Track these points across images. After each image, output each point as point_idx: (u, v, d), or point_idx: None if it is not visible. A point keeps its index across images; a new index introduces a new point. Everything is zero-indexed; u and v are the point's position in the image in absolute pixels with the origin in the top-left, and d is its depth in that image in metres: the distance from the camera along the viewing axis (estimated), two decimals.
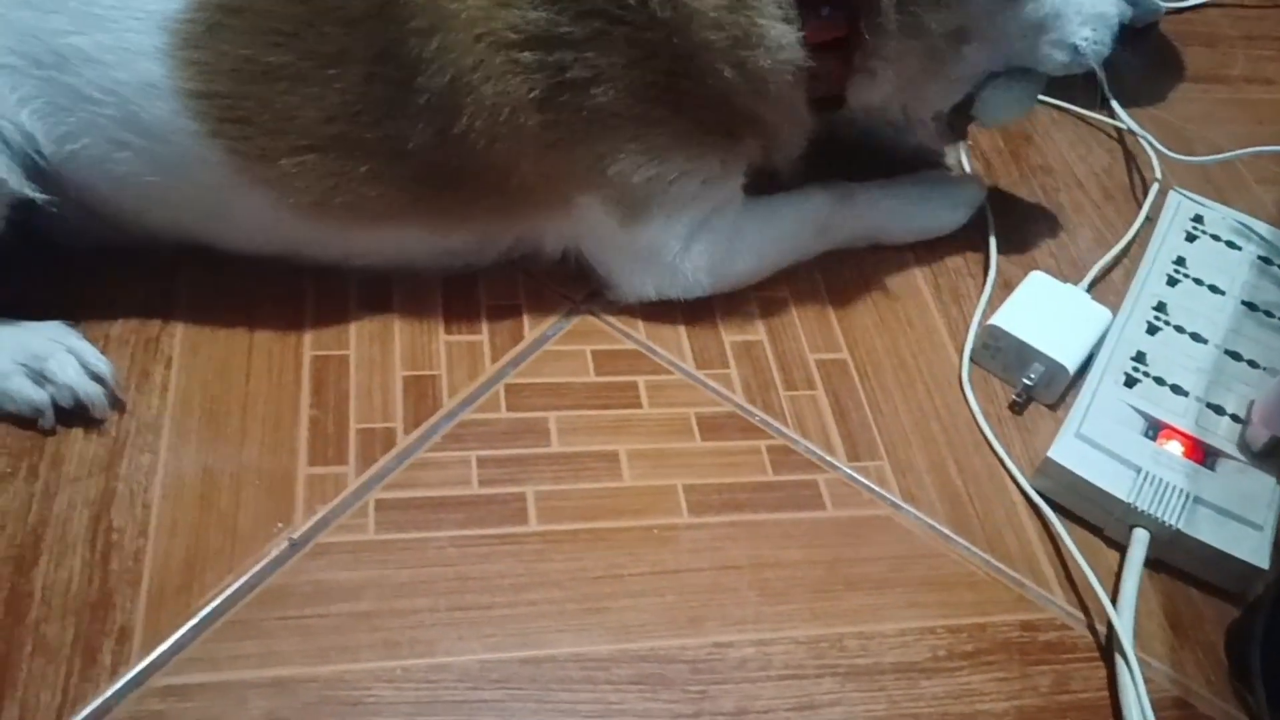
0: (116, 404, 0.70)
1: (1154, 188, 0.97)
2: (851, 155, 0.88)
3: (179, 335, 0.74)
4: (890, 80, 0.75)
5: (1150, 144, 1.01)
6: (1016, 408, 0.80)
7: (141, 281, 0.75)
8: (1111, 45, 0.78)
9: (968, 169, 0.96)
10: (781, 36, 0.69)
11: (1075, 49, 0.78)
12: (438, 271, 0.80)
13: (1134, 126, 1.03)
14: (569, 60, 0.67)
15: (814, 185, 0.84)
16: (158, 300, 0.75)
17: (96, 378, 0.68)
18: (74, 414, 0.68)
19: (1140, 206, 0.96)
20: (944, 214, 0.89)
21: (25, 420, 0.68)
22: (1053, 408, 0.80)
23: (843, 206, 0.84)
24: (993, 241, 0.90)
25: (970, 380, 0.81)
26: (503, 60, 0.66)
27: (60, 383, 0.67)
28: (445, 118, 0.68)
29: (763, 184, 0.82)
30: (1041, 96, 1.03)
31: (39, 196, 0.65)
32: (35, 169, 0.66)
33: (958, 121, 0.84)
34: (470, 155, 0.69)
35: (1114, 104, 1.05)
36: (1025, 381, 0.79)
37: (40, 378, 0.67)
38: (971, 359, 0.82)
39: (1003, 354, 0.81)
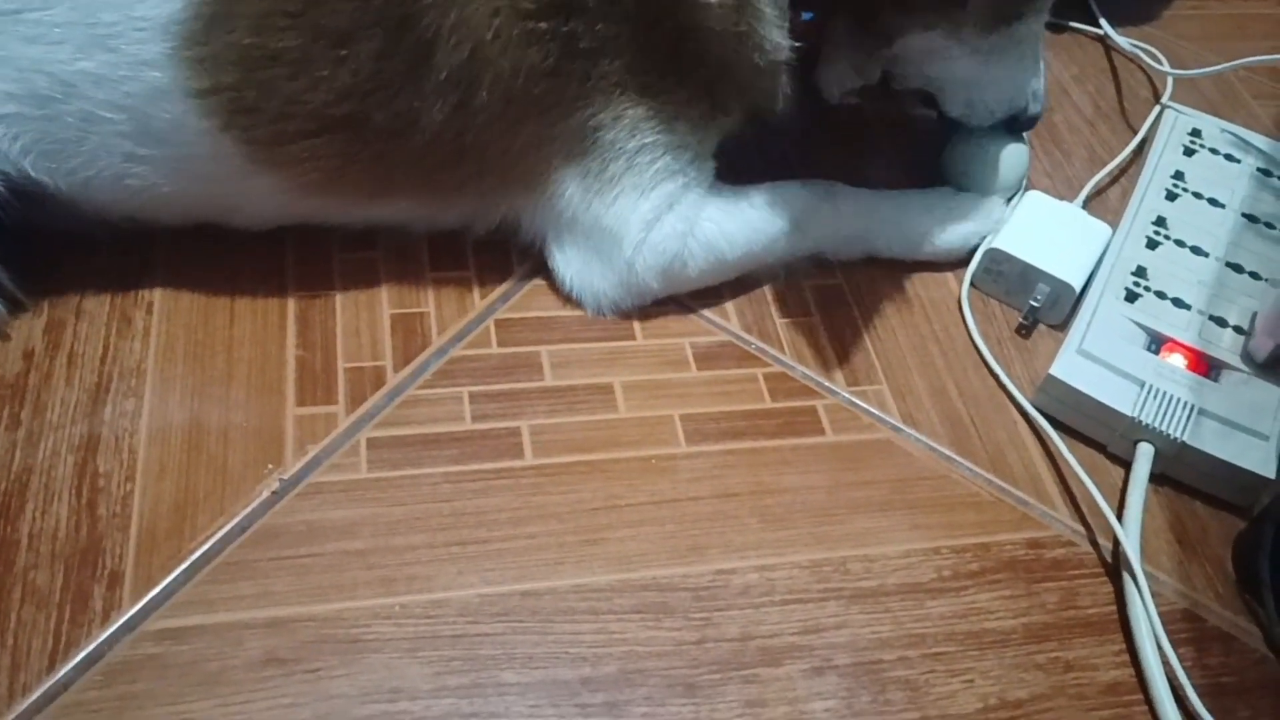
0: (16, 308, 0.69)
1: (1155, 108, 0.96)
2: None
3: (159, 281, 0.73)
4: (844, 73, 0.75)
5: (1146, 60, 1.00)
6: (1024, 330, 0.79)
7: (118, 229, 0.73)
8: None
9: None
10: (777, 40, 0.69)
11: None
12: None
13: (1121, 42, 1.01)
14: (580, 29, 0.66)
15: (797, 182, 0.78)
16: (138, 246, 0.74)
17: None
18: None
19: (1133, 124, 0.95)
20: (947, 231, 0.80)
21: (5, 368, 0.67)
22: (1059, 328, 0.79)
23: (824, 204, 0.78)
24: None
25: (970, 303, 0.79)
26: (520, 31, 0.65)
27: None
28: (463, 92, 0.66)
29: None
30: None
31: None
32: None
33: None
34: (478, 129, 0.68)
35: (1104, 23, 1.03)
36: (1032, 303, 0.78)
37: None
38: (972, 284, 0.81)
39: (1005, 278, 0.79)
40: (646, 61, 0.68)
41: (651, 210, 0.72)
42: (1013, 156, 0.82)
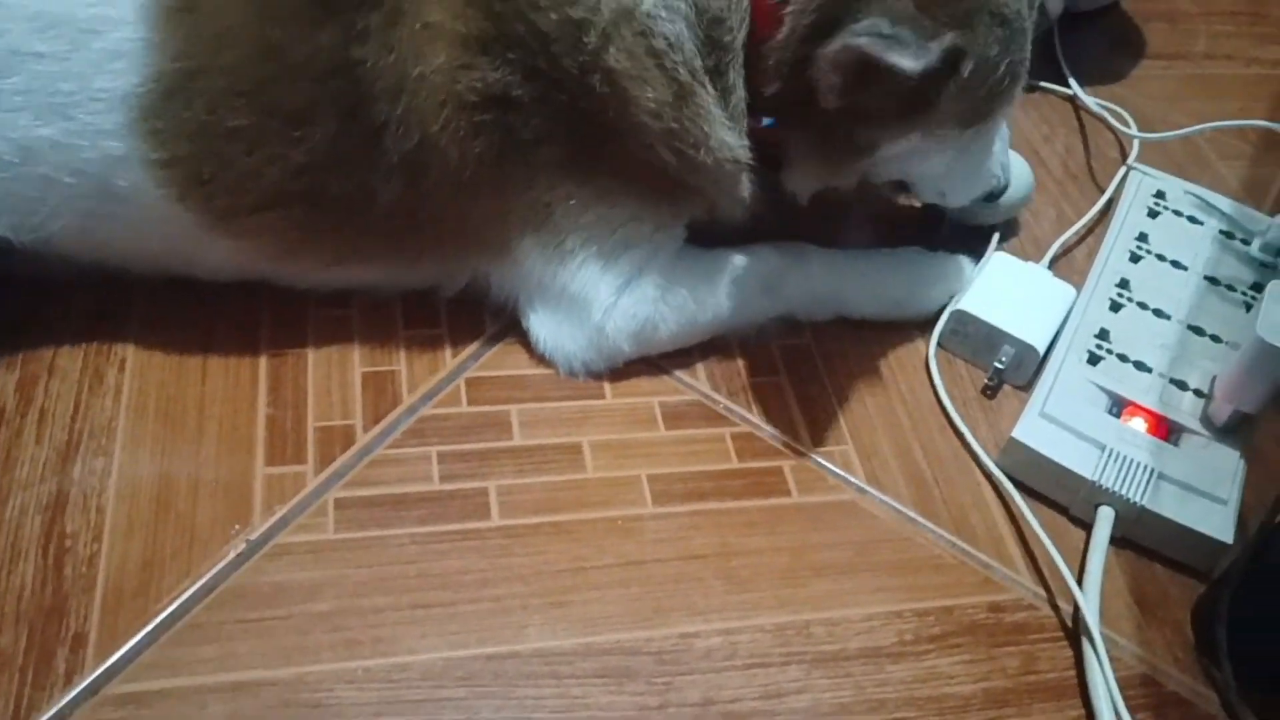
0: None
1: (1122, 169, 0.97)
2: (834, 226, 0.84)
3: (133, 337, 0.73)
4: (813, 178, 0.75)
5: (1114, 122, 1.02)
6: (989, 391, 0.80)
7: (94, 285, 0.73)
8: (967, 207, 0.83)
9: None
10: (725, 138, 0.69)
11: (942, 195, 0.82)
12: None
13: (1089, 102, 1.03)
14: (519, 123, 0.67)
15: (768, 244, 0.79)
16: (111, 303, 0.74)
17: None
18: None
19: (1101, 184, 0.96)
20: (917, 292, 0.82)
21: None
22: (1024, 388, 0.80)
23: (795, 266, 0.79)
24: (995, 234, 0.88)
25: (937, 364, 0.80)
26: (465, 122, 0.66)
27: None
28: (413, 174, 0.68)
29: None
30: None
31: None
32: None
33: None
34: (433, 206, 0.69)
35: (1074, 83, 1.05)
36: (996, 365, 0.79)
37: None
38: (939, 345, 0.82)
39: (971, 339, 0.80)
40: (584, 150, 0.69)
41: (619, 277, 0.73)
42: (1018, 172, 0.86)
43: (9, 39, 0.62)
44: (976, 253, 0.86)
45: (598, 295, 0.73)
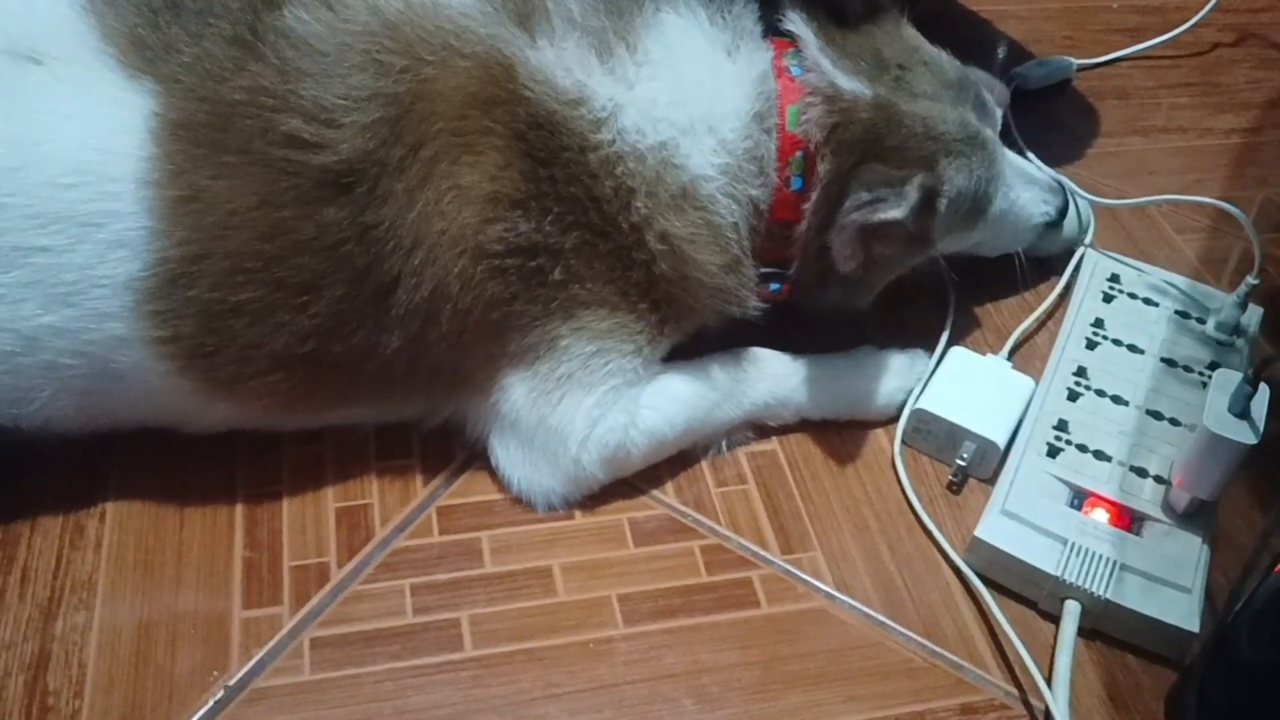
0: None
1: (1079, 251, 0.97)
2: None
3: (113, 488, 0.75)
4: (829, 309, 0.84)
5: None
6: (954, 487, 0.81)
7: (74, 440, 0.75)
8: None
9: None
10: (751, 300, 0.79)
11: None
12: None
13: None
14: (550, 265, 0.71)
15: (726, 353, 0.82)
16: (91, 455, 0.76)
17: None
18: None
19: (1058, 267, 0.97)
20: (874, 389, 0.84)
21: None
22: (989, 482, 0.81)
23: (750, 369, 0.82)
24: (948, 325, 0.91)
25: (903, 462, 0.82)
26: (484, 268, 0.69)
27: None
28: (421, 324, 0.70)
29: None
30: None
31: None
32: None
33: None
34: (433, 353, 0.71)
35: (1032, 157, 1.07)
36: (959, 462, 0.80)
37: None
38: (904, 441, 0.83)
39: (933, 436, 0.82)
40: (616, 289, 0.73)
41: (596, 406, 0.75)
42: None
43: (10, 237, 0.63)
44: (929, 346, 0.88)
45: (574, 428, 0.74)
